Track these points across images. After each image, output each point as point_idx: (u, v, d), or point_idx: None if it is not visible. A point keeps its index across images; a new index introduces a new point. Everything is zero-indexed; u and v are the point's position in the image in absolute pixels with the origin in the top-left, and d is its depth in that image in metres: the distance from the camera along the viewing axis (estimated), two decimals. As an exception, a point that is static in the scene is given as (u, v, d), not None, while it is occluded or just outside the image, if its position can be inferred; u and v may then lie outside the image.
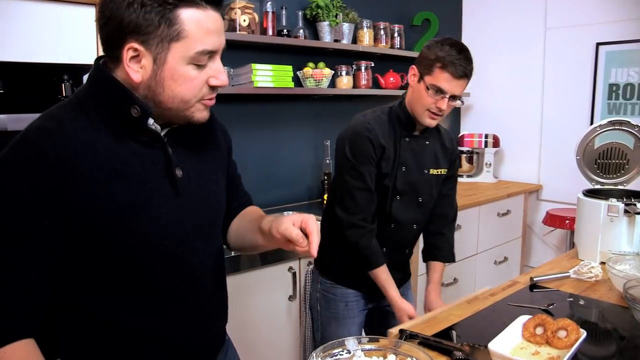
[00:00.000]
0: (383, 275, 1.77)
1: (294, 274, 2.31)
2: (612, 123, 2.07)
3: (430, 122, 1.74)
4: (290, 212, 2.93)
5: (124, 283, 1.01)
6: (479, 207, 3.34)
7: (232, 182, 1.30)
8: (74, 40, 1.67)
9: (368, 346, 1.10)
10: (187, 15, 0.94)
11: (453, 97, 1.70)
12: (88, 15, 1.66)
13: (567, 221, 3.32)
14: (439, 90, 1.67)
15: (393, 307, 1.77)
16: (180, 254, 1.06)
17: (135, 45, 0.93)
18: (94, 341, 1.03)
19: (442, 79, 1.66)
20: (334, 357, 1.06)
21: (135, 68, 0.95)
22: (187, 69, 0.96)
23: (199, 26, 0.95)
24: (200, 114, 1.03)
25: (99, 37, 0.98)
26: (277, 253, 2.22)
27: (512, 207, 3.61)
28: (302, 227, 1.06)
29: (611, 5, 3.37)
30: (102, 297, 1.01)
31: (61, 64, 1.66)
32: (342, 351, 1.07)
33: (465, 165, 3.90)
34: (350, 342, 1.09)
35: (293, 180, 3.14)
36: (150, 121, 1.00)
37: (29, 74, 1.61)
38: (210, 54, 0.98)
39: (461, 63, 1.65)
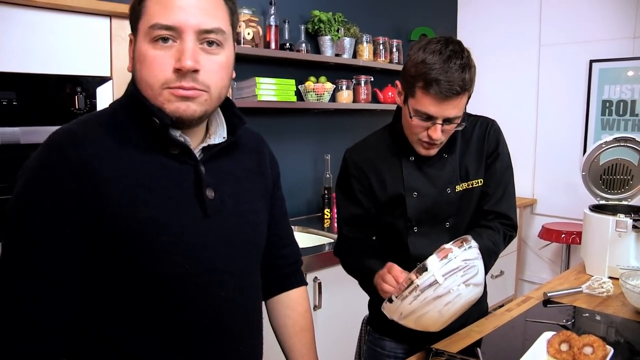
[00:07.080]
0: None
1: (319, 285, 2.27)
2: (617, 140, 2.11)
3: (427, 152, 1.40)
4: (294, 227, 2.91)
5: (140, 308, 0.91)
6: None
7: (275, 216, 1.17)
8: (89, 52, 1.64)
9: None
10: None
11: (449, 120, 1.33)
12: (102, 27, 1.64)
13: (563, 235, 3.36)
14: (427, 117, 1.32)
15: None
16: (204, 284, 0.94)
17: (131, 36, 0.93)
18: None
19: (426, 102, 1.29)
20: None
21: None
22: (146, 48, 0.87)
23: (158, 1, 0.87)
24: (171, 105, 0.89)
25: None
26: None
27: (508, 221, 3.63)
28: None
29: (604, 23, 3.45)
30: (117, 322, 0.91)
31: (75, 75, 1.63)
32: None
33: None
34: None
35: (293, 194, 3.12)
36: (177, 133, 0.92)
37: (43, 86, 1.57)
38: (169, 30, 0.86)
39: (449, 78, 1.25)
